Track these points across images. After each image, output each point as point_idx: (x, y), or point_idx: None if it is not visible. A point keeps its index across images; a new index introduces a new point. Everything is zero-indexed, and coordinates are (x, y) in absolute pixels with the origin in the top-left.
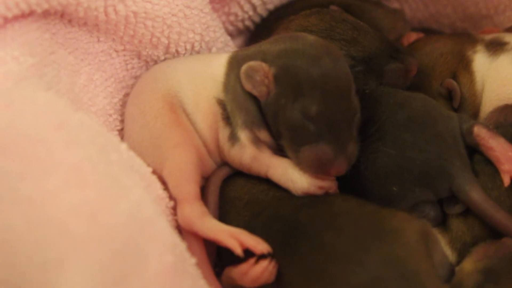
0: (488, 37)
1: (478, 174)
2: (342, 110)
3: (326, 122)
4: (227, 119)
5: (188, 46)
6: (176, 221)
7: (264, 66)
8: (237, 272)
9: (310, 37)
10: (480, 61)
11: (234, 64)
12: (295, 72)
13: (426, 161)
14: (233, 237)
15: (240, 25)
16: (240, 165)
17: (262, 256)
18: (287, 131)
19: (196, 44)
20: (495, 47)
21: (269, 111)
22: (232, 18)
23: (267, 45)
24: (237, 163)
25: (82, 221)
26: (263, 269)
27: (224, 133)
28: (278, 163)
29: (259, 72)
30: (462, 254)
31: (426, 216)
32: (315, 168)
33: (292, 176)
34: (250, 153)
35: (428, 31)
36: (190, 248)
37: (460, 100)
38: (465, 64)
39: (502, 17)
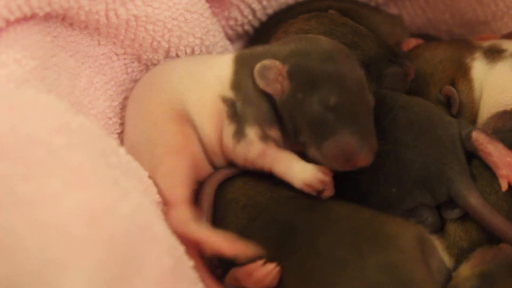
0: (486, 44)
1: (476, 179)
2: (360, 101)
3: (347, 111)
4: (233, 116)
5: (188, 50)
6: None
7: (277, 63)
8: (242, 272)
9: (321, 37)
10: (479, 68)
11: (243, 62)
12: (309, 68)
13: (426, 164)
14: (224, 241)
15: (239, 29)
16: (245, 161)
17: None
18: (307, 126)
19: (196, 48)
20: (493, 54)
21: (285, 109)
22: (231, 22)
23: (276, 46)
24: (242, 159)
25: (82, 223)
26: (267, 272)
27: (228, 130)
28: (283, 157)
29: (273, 70)
30: (459, 260)
31: (424, 222)
32: (341, 162)
33: (295, 169)
34: (258, 149)
35: (426, 37)
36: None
37: (459, 107)
38: (464, 71)
39: (499, 24)
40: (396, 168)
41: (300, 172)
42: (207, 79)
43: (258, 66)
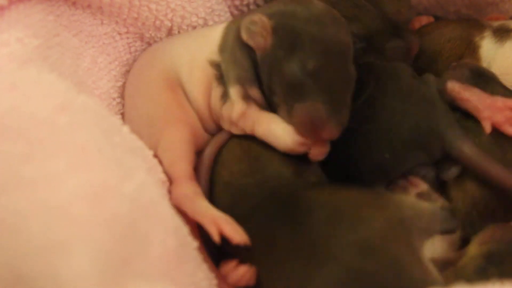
0: (496, 23)
1: None
2: (340, 71)
3: (323, 79)
4: (220, 78)
5: (191, 30)
6: None
7: (263, 18)
8: (221, 271)
9: (316, 2)
10: (487, 47)
11: (232, 25)
12: (294, 26)
13: (415, 124)
14: (214, 223)
15: (245, 9)
16: (230, 124)
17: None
18: (281, 86)
19: (199, 28)
20: (502, 33)
21: (264, 64)
22: (237, 2)
23: (267, 5)
24: (227, 121)
25: (86, 203)
26: (241, 275)
27: (216, 92)
28: (264, 118)
29: (258, 24)
30: (466, 226)
31: (425, 177)
32: (307, 128)
33: (275, 131)
34: (239, 108)
35: (434, 18)
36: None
37: None
38: (472, 50)
39: (507, 5)
40: (386, 133)
41: (280, 137)
42: (198, 46)
43: (245, 20)
